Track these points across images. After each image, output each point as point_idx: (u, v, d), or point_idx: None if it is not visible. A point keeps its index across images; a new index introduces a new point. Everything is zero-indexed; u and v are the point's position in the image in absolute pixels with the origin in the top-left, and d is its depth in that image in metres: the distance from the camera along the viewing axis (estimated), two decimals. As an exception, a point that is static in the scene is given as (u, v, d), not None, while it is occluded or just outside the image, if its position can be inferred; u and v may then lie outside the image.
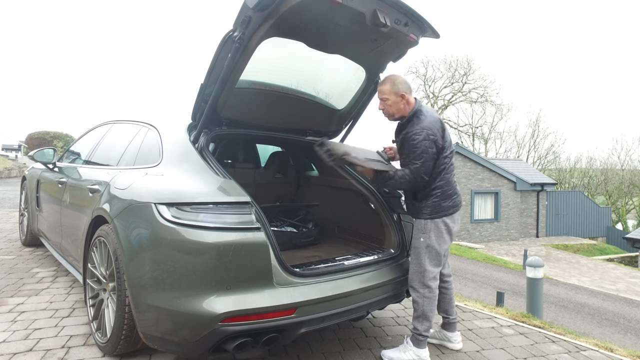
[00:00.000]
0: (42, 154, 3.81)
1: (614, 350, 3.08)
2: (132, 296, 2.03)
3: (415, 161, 2.36)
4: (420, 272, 2.44)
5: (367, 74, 2.78)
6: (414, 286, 2.46)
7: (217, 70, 2.24)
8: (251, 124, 2.84)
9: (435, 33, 2.41)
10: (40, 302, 3.03)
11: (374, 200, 2.92)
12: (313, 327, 2.08)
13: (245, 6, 2.00)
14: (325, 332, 2.79)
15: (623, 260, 18.58)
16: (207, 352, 1.91)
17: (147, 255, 2.00)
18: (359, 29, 2.25)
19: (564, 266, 14.91)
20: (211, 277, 1.87)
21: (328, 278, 2.20)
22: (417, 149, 2.35)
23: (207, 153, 2.34)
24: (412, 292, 2.47)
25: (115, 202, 2.30)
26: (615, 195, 31.76)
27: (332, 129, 3.22)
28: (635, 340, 6.83)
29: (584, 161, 35.03)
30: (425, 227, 2.46)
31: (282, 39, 2.28)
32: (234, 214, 1.97)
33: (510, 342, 2.96)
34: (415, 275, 2.46)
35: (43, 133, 29.77)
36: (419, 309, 2.44)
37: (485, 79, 33.30)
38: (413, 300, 2.47)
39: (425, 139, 2.34)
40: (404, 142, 2.42)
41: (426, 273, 2.43)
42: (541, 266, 5.38)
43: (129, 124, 3.20)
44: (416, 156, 2.35)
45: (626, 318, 8.20)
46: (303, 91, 2.82)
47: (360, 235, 3.16)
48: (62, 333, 2.55)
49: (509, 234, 19.43)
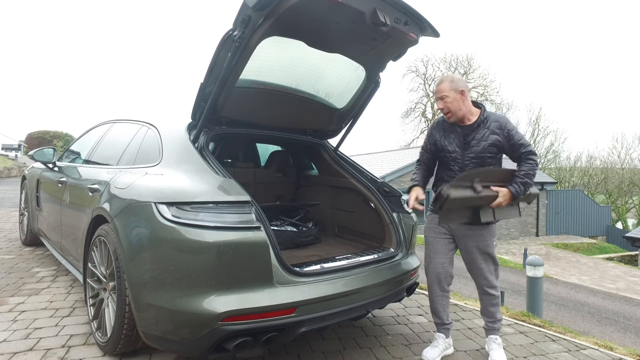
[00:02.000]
0: (42, 153, 3.81)
1: (613, 348, 3.08)
2: (133, 295, 2.03)
3: (527, 143, 2.41)
4: (497, 270, 2.58)
5: (367, 73, 2.78)
6: (495, 284, 2.56)
7: (217, 70, 2.24)
8: (251, 123, 2.84)
9: (435, 32, 2.41)
10: (41, 302, 3.03)
11: (374, 200, 2.92)
12: (313, 326, 2.08)
13: (245, 5, 2.00)
14: (326, 331, 2.79)
15: (623, 259, 18.58)
16: (208, 352, 1.91)
17: (147, 254, 2.00)
18: (359, 28, 2.25)
19: (563, 265, 14.92)
20: (211, 277, 1.87)
21: (328, 277, 2.20)
22: (520, 134, 2.44)
23: (207, 152, 2.34)
24: (493, 290, 2.55)
25: (115, 201, 2.30)
26: (615, 194, 31.76)
27: (332, 128, 3.22)
28: (635, 339, 6.83)
29: (584, 160, 35.06)
30: (493, 229, 2.56)
31: (282, 38, 2.27)
32: (234, 213, 1.97)
33: (510, 341, 2.97)
34: (494, 274, 2.56)
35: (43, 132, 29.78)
36: (499, 301, 2.59)
37: (485, 77, 33.23)
38: (494, 297, 2.56)
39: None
40: (508, 139, 2.41)
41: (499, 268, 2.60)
42: (541, 265, 5.38)
43: (128, 123, 3.20)
44: (524, 139, 2.43)
45: (626, 317, 8.20)
46: (303, 90, 2.82)
47: (360, 235, 3.16)
48: (62, 332, 2.55)
49: (509, 232, 19.44)
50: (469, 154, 2.45)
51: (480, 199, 2.31)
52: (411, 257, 2.77)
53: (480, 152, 2.42)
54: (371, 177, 3.13)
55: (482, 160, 2.43)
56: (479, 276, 2.55)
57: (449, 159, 2.51)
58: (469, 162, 2.45)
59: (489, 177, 2.35)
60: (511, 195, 2.35)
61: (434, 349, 2.56)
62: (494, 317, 2.58)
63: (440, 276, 2.56)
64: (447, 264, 2.56)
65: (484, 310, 2.62)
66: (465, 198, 2.27)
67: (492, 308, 2.58)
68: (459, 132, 2.48)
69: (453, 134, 2.50)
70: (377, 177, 3.15)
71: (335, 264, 2.38)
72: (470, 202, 2.32)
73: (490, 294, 2.56)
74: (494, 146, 2.42)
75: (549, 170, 33.04)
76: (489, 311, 2.59)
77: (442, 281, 2.57)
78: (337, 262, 2.43)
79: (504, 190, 2.35)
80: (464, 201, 2.29)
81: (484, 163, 2.43)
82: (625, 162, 33.05)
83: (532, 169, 2.38)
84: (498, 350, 2.55)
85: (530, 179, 2.38)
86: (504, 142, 2.41)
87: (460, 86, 2.41)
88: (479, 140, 2.43)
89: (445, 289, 2.59)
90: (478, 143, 2.43)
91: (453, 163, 2.50)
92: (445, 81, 2.46)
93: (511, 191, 2.35)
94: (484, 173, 2.34)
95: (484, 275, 2.53)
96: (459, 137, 2.48)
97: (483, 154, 2.43)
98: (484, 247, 2.51)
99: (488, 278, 2.54)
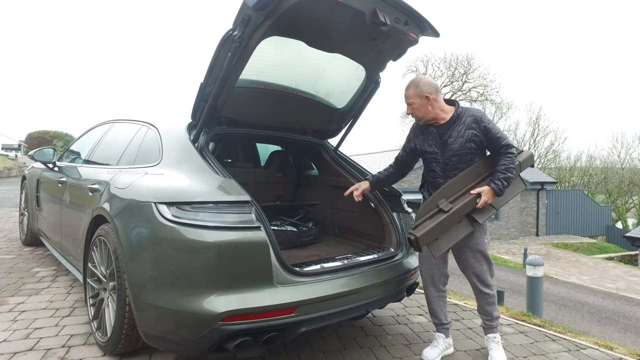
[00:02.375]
0: (42, 153, 3.81)
1: (613, 348, 3.08)
2: (133, 295, 2.03)
3: (504, 137, 2.39)
4: (491, 268, 2.54)
5: (367, 73, 2.78)
6: (490, 283, 2.52)
7: (217, 70, 2.24)
8: (251, 123, 2.84)
9: (435, 32, 2.41)
10: (41, 302, 3.03)
11: (373, 199, 2.92)
12: (313, 326, 2.08)
13: (245, 5, 2.00)
14: (326, 331, 2.79)
15: (623, 258, 18.59)
16: (208, 351, 1.91)
17: (147, 254, 2.00)
18: (359, 27, 2.25)
19: (563, 265, 14.92)
20: (211, 276, 1.87)
21: (328, 277, 2.20)
22: (497, 128, 2.42)
23: (207, 152, 2.34)
24: (488, 289, 2.52)
25: (115, 201, 2.30)
26: (615, 194, 31.77)
27: (332, 128, 3.22)
28: (635, 339, 6.83)
29: (584, 160, 35.10)
30: (484, 226, 2.51)
31: (281, 37, 2.27)
32: (234, 213, 1.97)
33: (510, 341, 2.97)
34: (488, 273, 2.52)
35: (43, 132, 29.76)
36: (495, 299, 2.56)
37: (485, 77, 33.18)
38: (490, 296, 2.53)
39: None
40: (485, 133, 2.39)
41: (493, 265, 2.56)
42: (541, 265, 5.39)
43: (128, 123, 3.20)
44: (501, 133, 2.41)
45: (626, 316, 8.20)
46: (303, 90, 2.82)
47: (360, 235, 3.16)
48: (62, 332, 2.55)
49: (509, 232, 19.44)
50: (447, 152, 2.43)
51: (456, 213, 2.30)
52: (411, 257, 2.77)
53: (458, 150, 2.40)
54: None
55: (461, 158, 2.41)
56: (472, 275, 2.52)
57: (430, 160, 2.51)
58: (448, 160, 2.43)
59: (454, 187, 2.36)
60: (494, 192, 2.33)
61: (434, 349, 2.56)
62: (490, 315, 2.56)
63: (434, 277, 2.55)
64: (440, 265, 2.55)
65: (480, 309, 2.60)
66: (438, 224, 2.26)
67: (488, 307, 2.55)
68: (434, 132, 2.47)
69: (430, 136, 2.49)
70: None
71: (335, 263, 2.38)
72: (446, 224, 2.29)
73: (485, 292, 2.53)
74: (472, 142, 2.39)
75: (549, 170, 33.06)
76: (485, 310, 2.57)
77: (436, 282, 2.56)
78: (337, 262, 2.43)
79: (485, 188, 2.33)
80: (439, 228, 2.27)
81: (464, 160, 2.41)
82: (625, 161, 33.12)
83: (511, 161, 2.36)
84: (497, 349, 2.54)
85: (511, 173, 2.35)
86: (481, 136, 2.39)
87: (425, 91, 2.40)
88: (455, 137, 2.41)
89: (441, 289, 2.58)
90: (455, 141, 2.41)
91: (435, 163, 2.49)
92: (410, 87, 2.45)
93: (493, 189, 2.32)
94: (444, 190, 2.34)
95: (477, 274, 2.51)
96: (435, 137, 2.47)
97: (461, 151, 2.40)
98: (475, 245, 2.48)
99: (481, 277, 2.51)
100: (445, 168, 2.44)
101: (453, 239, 2.35)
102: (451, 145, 2.41)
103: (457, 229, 2.35)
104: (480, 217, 2.37)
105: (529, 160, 2.58)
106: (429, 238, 2.26)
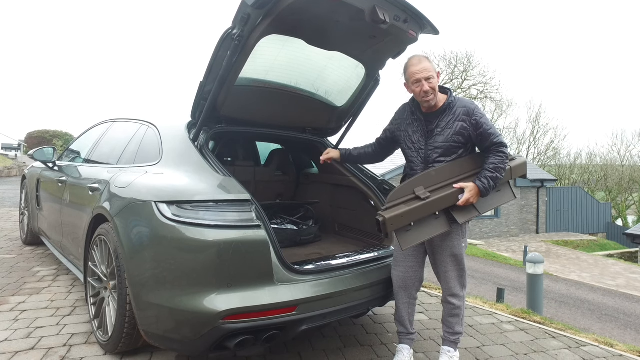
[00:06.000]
0: (42, 152, 3.81)
1: (614, 345, 3.09)
2: (133, 294, 2.03)
3: (496, 133, 2.18)
4: (463, 277, 2.31)
5: (367, 71, 2.78)
6: (457, 293, 2.29)
7: (217, 68, 2.23)
8: (251, 122, 2.83)
9: (434, 29, 2.40)
10: (42, 301, 3.03)
11: (374, 198, 2.92)
12: (314, 324, 2.08)
13: (244, 4, 1.99)
14: (326, 329, 2.79)
15: (623, 256, 18.61)
16: (209, 350, 1.91)
17: (148, 253, 2.00)
18: (358, 25, 2.24)
19: (564, 262, 14.93)
20: (212, 275, 1.87)
21: (328, 275, 2.20)
22: (490, 123, 2.20)
23: (206, 151, 2.34)
24: (455, 299, 2.29)
25: (116, 200, 2.30)
26: (615, 191, 31.77)
27: (332, 126, 3.22)
28: (635, 336, 6.84)
29: (584, 157, 35.09)
30: (464, 229, 2.29)
31: (281, 36, 2.27)
32: (234, 211, 1.97)
33: (510, 338, 2.97)
34: (458, 281, 2.29)
35: (43, 132, 29.71)
36: (462, 313, 2.32)
37: (485, 75, 33.03)
38: (455, 307, 2.30)
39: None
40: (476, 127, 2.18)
41: (466, 275, 2.34)
42: (541, 262, 5.39)
43: (128, 122, 3.20)
44: (494, 129, 2.19)
45: (626, 314, 8.21)
46: (302, 88, 2.82)
47: (361, 233, 3.16)
48: (63, 331, 2.55)
49: (509, 230, 19.45)
50: (432, 143, 2.22)
51: (433, 203, 2.08)
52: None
53: (444, 142, 2.19)
54: (371, 175, 3.13)
55: (446, 151, 2.20)
56: (442, 280, 2.32)
57: (411, 148, 2.30)
58: (432, 152, 2.22)
59: (435, 178, 2.15)
60: (479, 190, 2.13)
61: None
62: (451, 328, 2.32)
63: (407, 281, 2.32)
64: (417, 267, 2.33)
65: (443, 319, 2.36)
66: (411, 211, 2.05)
67: (451, 318, 2.32)
68: (422, 120, 2.27)
69: (416, 122, 2.29)
70: (377, 175, 3.15)
71: (336, 262, 2.38)
72: (420, 212, 2.07)
73: (450, 302, 2.31)
74: (460, 135, 2.18)
75: (549, 167, 33.06)
76: (447, 321, 2.33)
77: (409, 287, 2.33)
78: (337, 260, 2.43)
79: (470, 184, 2.13)
80: (412, 215, 2.05)
81: (449, 153, 2.20)
82: (625, 159, 33.09)
83: (502, 162, 2.16)
84: None
85: (501, 174, 2.16)
86: (471, 130, 2.18)
87: (435, 67, 2.21)
88: (443, 128, 2.20)
89: (413, 296, 2.36)
90: (442, 131, 2.20)
91: (415, 155, 2.27)
92: (424, 60, 2.20)
93: (478, 187, 2.12)
94: (423, 177, 2.15)
95: (446, 280, 2.29)
96: (422, 125, 2.27)
97: (447, 144, 2.19)
98: (451, 247, 2.25)
99: (450, 284, 2.29)
100: (427, 160, 2.23)
101: (425, 234, 2.11)
102: (437, 136, 2.21)
103: (432, 224, 2.12)
104: (460, 217, 2.15)
105: (522, 168, 2.39)
106: (398, 223, 2.04)
